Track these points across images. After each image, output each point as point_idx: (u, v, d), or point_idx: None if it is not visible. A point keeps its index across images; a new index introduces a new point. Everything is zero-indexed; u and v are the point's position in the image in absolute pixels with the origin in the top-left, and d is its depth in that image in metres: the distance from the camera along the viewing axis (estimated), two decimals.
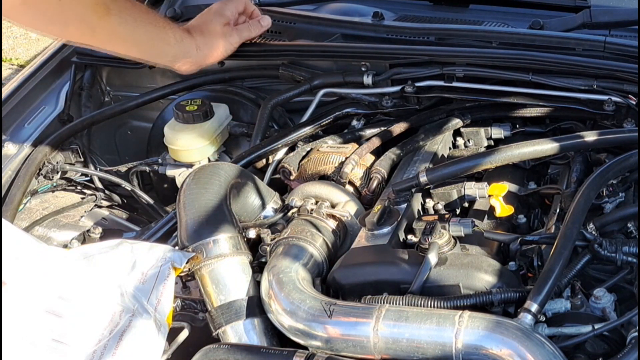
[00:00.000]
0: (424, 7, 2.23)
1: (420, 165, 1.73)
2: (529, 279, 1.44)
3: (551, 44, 1.81)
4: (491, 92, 1.84)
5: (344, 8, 2.19)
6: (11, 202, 1.86)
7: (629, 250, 1.35)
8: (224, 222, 1.49)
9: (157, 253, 1.44)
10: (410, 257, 1.43)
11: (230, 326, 1.43)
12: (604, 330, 1.28)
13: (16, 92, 2.13)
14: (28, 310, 1.34)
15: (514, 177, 1.73)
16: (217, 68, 2.09)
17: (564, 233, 1.35)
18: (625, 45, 1.76)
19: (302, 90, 1.98)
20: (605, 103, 1.72)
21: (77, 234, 1.87)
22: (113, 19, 1.74)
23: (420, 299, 1.34)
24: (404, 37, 1.99)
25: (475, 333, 1.24)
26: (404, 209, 1.57)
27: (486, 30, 1.97)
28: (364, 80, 1.91)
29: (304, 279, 1.44)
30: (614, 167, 1.50)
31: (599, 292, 1.34)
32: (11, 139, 2.04)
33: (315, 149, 1.84)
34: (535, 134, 1.83)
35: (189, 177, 1.59)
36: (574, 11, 1.99)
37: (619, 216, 1.46)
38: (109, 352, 1.31)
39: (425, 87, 1.87)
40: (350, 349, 1.32)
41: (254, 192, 1.66)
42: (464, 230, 1.47)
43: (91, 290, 1.39)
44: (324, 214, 1.59)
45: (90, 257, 1.44)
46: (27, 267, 1.39)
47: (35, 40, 5.62)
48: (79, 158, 2.13)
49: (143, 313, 1.36)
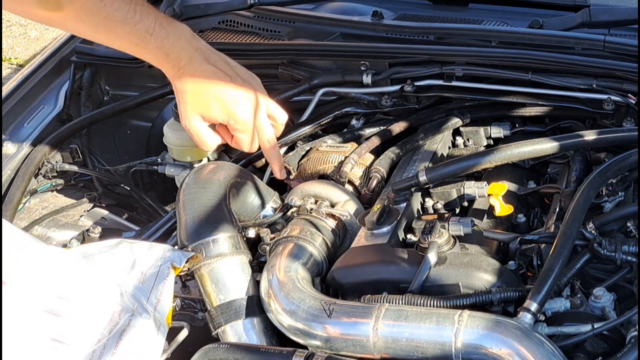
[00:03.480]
0: (424, 6, 2.23)
1: (420, 164, 1.73)
2: (529, 278, 1.44)
3: (550, 43, 1.82)
4: (490, 91, 1.84)
5: (343, 7, 2.19)
6: (10, 201, 1.86)
7: (628, 249, 1.35)
8: (224, 222, 1.49)
9: (157, 252, 1.44)
10: (409, 257, 1.43)
11: (230, 325, 1.43)
12: (604, 330, 1.28)
13: (15, 92, 2.13)
14: (27, 310, 1.34)
15: (514, 176, 1.73)
16: None
17: (564, 232, 1.35)
18: (624, 44, 1.77)
19: (302, 89, 1.98)
20: (605, 102, 1.72)
21: (76, 233, 1.87)
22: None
23: (420, 298, 1.34)
24: (403, 36, 1.99)
25: (475, 332, 1.24)
26: (404, 208, 1.57)
27: (485, 30, 1.97)
28: (364, 80, 1.91)
29: (303, 279, 1.44)
30: (613, 166, 1.50)
31: (598, 291, 1.34)
32: (10, 138, 2.04)
33: (314, 148, 1.84)
34: (534, 133, 1.83)
35: (189, 177, 1.59)
36: (573, 10, 1.99)
37: (618, 215, 1.46)
38: (109, 352, 1.31)
39: (425, 87, 1.87)
40: (350, 348, 1.32)
41: (254, 191, 1.66)
42: (463, 229, 1.47)
43: (91, 290, 1.39)
44: (323, 213, 1.59)
45: (89, 257, 1.44)
46: (27, 266, 1.38)
47: (35, 39, 5.63)
48: (78, 157, 2.13)
49: (142, 312, 1.36)
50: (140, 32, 1.50)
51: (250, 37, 2.21)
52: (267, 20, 2.21)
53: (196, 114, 1.57)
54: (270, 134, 1.63)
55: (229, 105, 1.56)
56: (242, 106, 1.57)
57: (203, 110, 1.56)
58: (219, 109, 1.55)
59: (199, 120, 1.57)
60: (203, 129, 1.59)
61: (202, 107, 1.56)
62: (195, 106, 1.56)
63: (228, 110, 1.56)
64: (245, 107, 1.57)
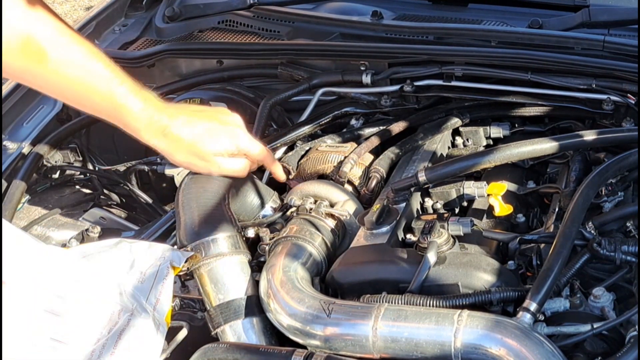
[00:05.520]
0: (423, 6, 2.23)
1: (419, 164, 1.73)
2: (528, 278, 1.44)
3: (550, 43, 1.82)
4: (490, 91, 1.84)
5: (342, 7, 2.19)
6: (10, 201, 1.85)
7: (628, 249, 1.35)
8: (223, 221, 1.49)
9: (156, 252, 1.44)
10: (409, 256, 1.43)
11: (229, 325, 1.43)
12: (603, 329, 1.28)
13: (15, 91, 2.13)
14: (27, 310, 1.34)
15: (513, 176, 1.73)
16: (216, 67, 2.09)
17: (563, 232, 1.35)
18: (624, 44, 1.77)
19: (301, 89, 1.98)
20: (604, 102, 1.72)
21: (75, 233, 1.87)
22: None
23: (419, 298, 1.33)
24: (402, 36, 1.99)
25: (474, 332, 1.24)
26: (403, 208, 1.57)
27: (485, 30, 1.97)
28: (363, 80, 1.91)
29: (303, 278, 1.44)
30: (613, 166, 1.50)
31: (598, 291, 1.34)
32: (10, 138, 2.04)
33: (314, 148, 1.84)
34: (534, 133, 1.83)
35: (188, 177, 1.59)
36: (573, 10, 1.99)
37: (618, 215, 1.46)
38: (108, 351, 1.31)
39: (424, 86, 1.87)
40: (349, 348, 1.32)
41: (253, 191, 1.65)
42: (462, 229, 1.47)
43: (90, 290, 1.39)
44: (322, 213, 1.59)
45: (89, 256, 1.44)
46: (26, 266, 1.38)
47: None
48: (78, 157, 2.13)
49: (142, 312, 1.36)
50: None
51: (249, 37, 2.21)
52: (266, 20, 2.21)
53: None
54: (254, 152, 1.59)
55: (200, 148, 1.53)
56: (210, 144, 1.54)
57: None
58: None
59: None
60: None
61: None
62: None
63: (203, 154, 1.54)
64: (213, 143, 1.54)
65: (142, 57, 2.16)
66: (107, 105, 1.50)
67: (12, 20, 1.40)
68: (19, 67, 1.46)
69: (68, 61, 1.46)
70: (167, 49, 2.14)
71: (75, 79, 1.47)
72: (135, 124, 1.51)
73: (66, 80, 1.48)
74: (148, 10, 2.45)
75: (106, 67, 1.49)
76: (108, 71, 1.49)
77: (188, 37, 2.28)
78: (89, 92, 1.49)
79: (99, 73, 1.48)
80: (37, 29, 1.43)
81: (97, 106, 1.52)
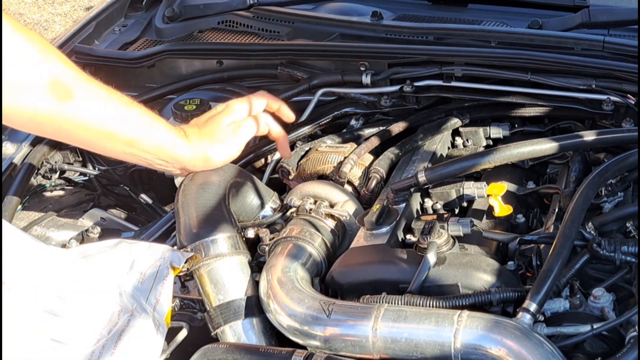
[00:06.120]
0: (423, 7, 2.23)
1: (419, 164, 1.73)
2: (528, 278, 1.44)
3: (550, 43, 1.82)
4: (490, 91, 1.84)
5: (342, 7, 2.19)
6: (10, 201, 1.85)
7: (627, 249, 1.35)
8: (223, 222, 1.49)
9: (156, 253, 1.44)
10: (409, 257, 1.43)
11: (229, 326, 1.43)
12: (603, 330, 1.28)
13: None
14: (27, 310, 1.34)
15: (513, 176, 1.73)
16: (215, 68, 2.09)
17: (563, 232, 1.36)
18: (624, 44, 1.77)
19: (301, 89, 1.98)
20: (604, 102, 1.72)
21: (75, 233, 1.87)
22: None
23: (419, 299, 1.34)
24: (402, 36, 1.99)
25: (474, 333, 1.24)
26: (403, 208, 1.57)
27: (485, 30, 1.97)
28: (363, 80, 1.91)
29: (302, 279, 1.44)
30: (612, 167, 1.50)
31: (597, 291, 1.34)
32: (9, 138, 2.04)
33: (313, 148, 1.84)
34: (534, 134, 1.84)
35: (188, 177, 1.59)
36: (572, 11, 1.99)
37: (617, 216, 1.47)
38: (108, 352, 1.31)
39: (424, 87, 1.87)
40: (349, 349, 1.32)
41: (253, 191, 1.65)
42: (462, 229, 1.47)
43: (90, 290, 1.38)
44: (322, 213, 1.59)
45: (88, 257, 1.44)
46: (26, 266, 1.38)
47: None
48: (78, 157, 2.13)
49: (142, 313, 1.36)
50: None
51: (249, 37, 2.21)
52: (266, 21, 2.21)
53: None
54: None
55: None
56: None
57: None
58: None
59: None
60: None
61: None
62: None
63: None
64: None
65: (142, 57, 2.16)
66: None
67: (32, 61, 1.34)
68: (47, 109, 1.37)
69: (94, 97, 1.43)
70: (167, 49, 2.14)
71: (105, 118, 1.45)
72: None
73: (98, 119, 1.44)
74: (148, 10, 2.44)
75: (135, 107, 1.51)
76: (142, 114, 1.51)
77: (188, 38, 2.28)
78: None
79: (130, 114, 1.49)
80: (60, 68, 1.37)
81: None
